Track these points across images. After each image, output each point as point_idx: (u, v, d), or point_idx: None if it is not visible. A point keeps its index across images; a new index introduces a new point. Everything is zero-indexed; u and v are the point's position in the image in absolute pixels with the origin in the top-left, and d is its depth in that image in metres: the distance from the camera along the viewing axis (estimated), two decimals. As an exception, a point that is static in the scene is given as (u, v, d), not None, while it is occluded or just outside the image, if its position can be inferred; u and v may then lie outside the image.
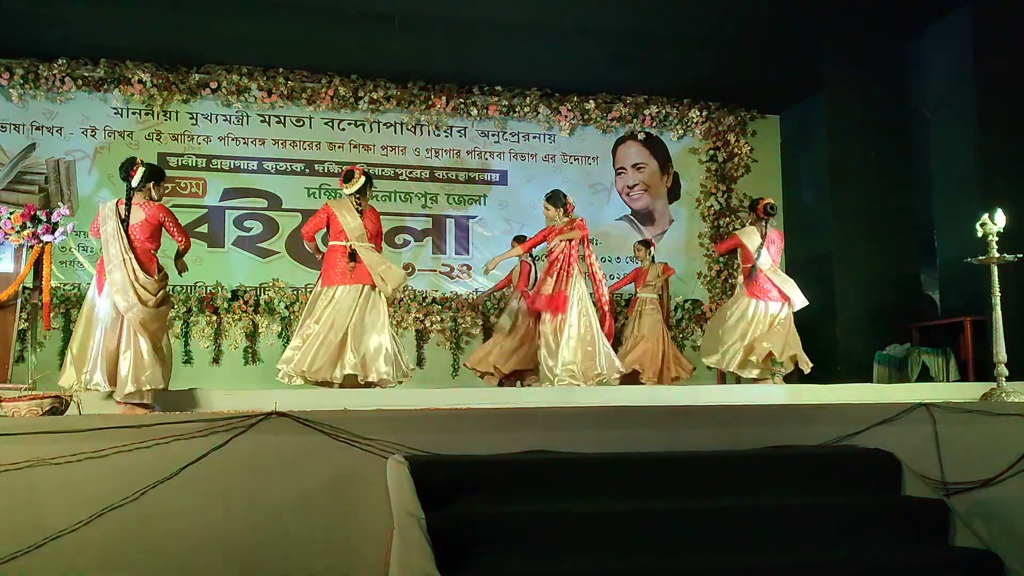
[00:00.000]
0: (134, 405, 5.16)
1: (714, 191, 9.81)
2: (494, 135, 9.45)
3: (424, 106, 9.12)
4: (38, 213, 5.44)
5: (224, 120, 8.83)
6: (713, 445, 3.81)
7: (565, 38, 8.35)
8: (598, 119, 9.60)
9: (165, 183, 5.84)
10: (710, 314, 9.04)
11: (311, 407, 3.77)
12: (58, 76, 8.33)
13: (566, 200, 7.00)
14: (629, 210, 9.78)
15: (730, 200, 9.80)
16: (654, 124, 9.77)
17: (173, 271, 5.72)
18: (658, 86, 9.59)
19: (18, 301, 5.50)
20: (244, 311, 8.46)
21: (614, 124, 9.69)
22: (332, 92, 8.91)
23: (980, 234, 4.95)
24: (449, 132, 9.33)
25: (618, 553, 3.17)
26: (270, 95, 8.80)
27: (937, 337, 8.11)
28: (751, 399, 5.95)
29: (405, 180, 9.19)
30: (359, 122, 9.14)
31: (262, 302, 8.52)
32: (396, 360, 6.08)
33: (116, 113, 8.60)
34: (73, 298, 7.91)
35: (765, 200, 7.31)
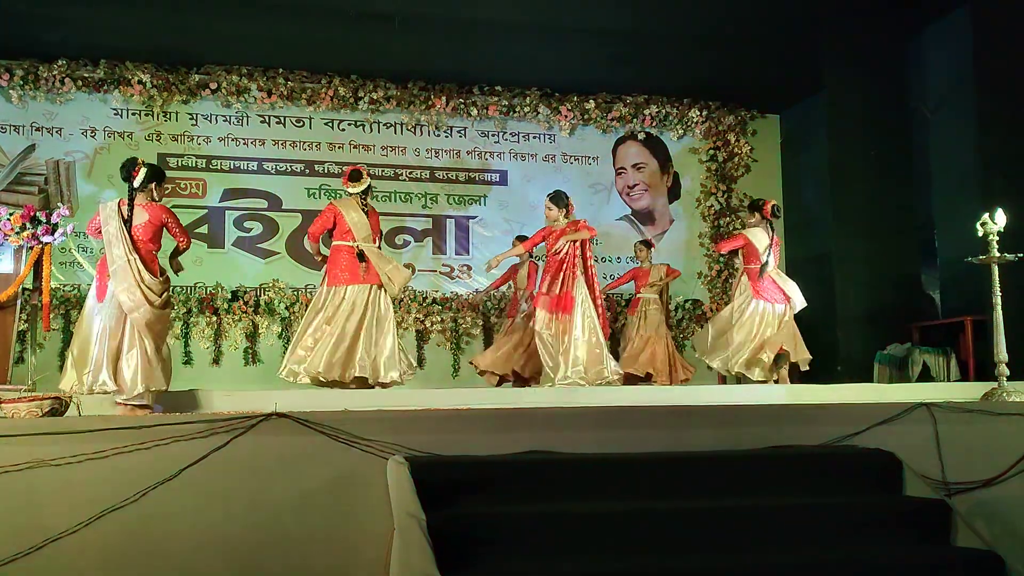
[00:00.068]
0: (134, 406, 5.15)
1: (714, 191, 9.81)
2: (494, 135, 9.45)
3: (424, 106, 9.12)
4: (38, 214, 5.41)
5: (224, 121, 8.83)
6: (714, 445, 3.81)
7: (565, 38, 8.35)
8: (598, 119, 9.60)
9: (165, 184, 5.84)
10: (711, 314, 9.03)
11: (311, 408, 3.76)
12: (58, 77, 8.33)
13: (568, 201, 7.00)
14: (629, 210, 9.78)
15: (730, 200, 9.80)
16: (654, 124, 9.77)
17: (169, 270, 5.71)
18: (658, 86, 9.59)
19: (18, 302, 5.47)
20: (244, 312, 8.45)
21: (614, 124, 9.69)
22: (332, 92, 8.90)
23: (980, 234, 4.97)
24: (449, 132, 9.33)
25: (619, 553, 3.16)
26: (270, 95, 8.80)
27: (938, 337, 8.10)
28: (752, 399, 5.95)
29: (405, 180, 9.18)
30: (359, 122, 9.14)
31: (262, 303, 8.51)
32: (404, 358, 6.14)
33: (116, 114, 8.60)
34: (73, 299, 7.91)
35: (772, 201, 7.31)
